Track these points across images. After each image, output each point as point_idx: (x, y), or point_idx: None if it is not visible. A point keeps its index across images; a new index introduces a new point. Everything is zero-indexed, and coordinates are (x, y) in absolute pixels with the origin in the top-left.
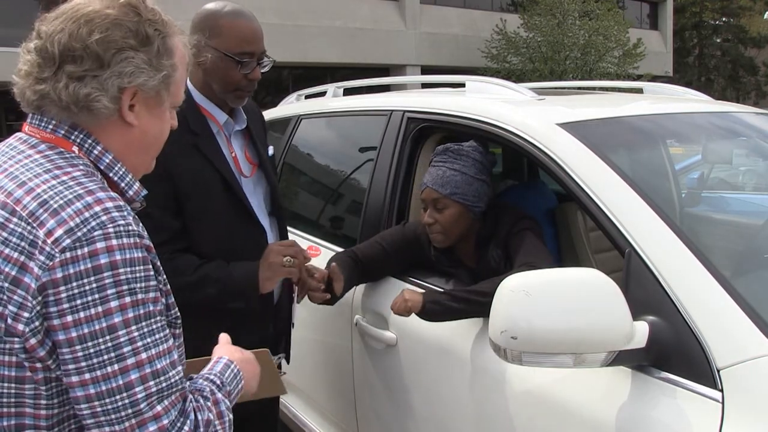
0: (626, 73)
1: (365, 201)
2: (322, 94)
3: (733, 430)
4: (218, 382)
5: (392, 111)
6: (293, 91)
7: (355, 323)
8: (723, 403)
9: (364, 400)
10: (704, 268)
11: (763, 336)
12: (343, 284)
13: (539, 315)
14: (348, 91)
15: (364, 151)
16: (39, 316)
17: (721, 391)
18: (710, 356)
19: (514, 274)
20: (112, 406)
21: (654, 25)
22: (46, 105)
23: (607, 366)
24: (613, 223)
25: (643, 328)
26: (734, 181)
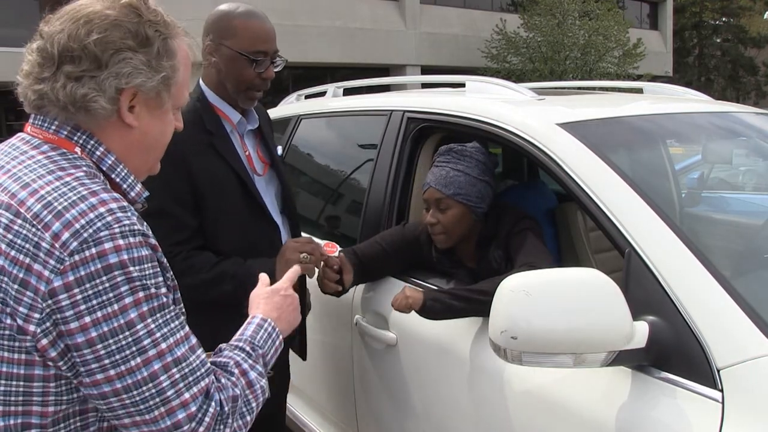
0: (626, 73)
1: (365, 201)
2: (322, 94)
3: (733, 430)
4: (248, 349)
5: (392, 111)
6: (293, 91)
7: (355, 323)
8: (723, 403)
9: (364, 400)
10: (704, 268)
11: (763, 336)
12: (352, 276)
13: (539, 315)
14: (348, 91)
15: (364, 151)
16: (49, 317)
17: (721, 391)
18: (710, 356)
19: (514, 274)
20: (140, 398)
21: (654, 25)
22: (45, 105)
23: (607, 366)
24: (613, 223)
25: (643, 328)
26: (734, 181)
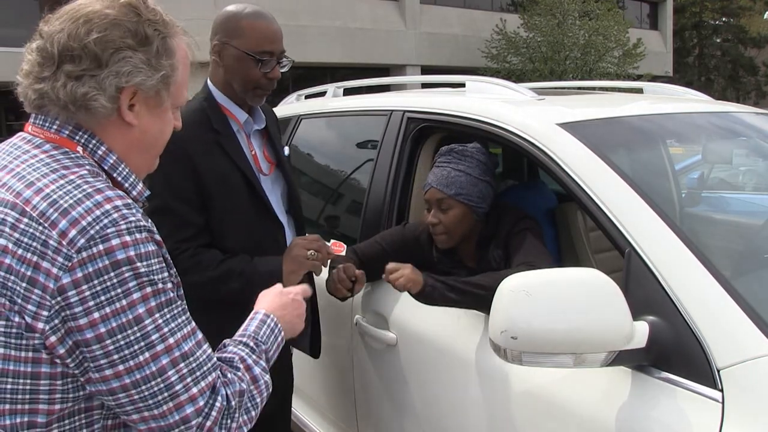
0: (626, 73)
1: (365, 201)
2: (322, 94)
3: (733, 430)
4: (251, 345)
5: (392, 111)
6: (293, 91)
7: (355, 323)
8: (723, 403)
9: (364, 400)
10: (704, 268)
11: (763, 336)
12: (363, 288)
13: (539, 315)
14: (348, 91)
15: (364, 151)
16: (58, 314)
17: (721, 391)
18: (710, 356)
19: (514, 274)
20: (149, 392)
21: (654, 25)
22: (46, 104)
23: (607, 366)
24: (613, 223)
25: (643, 328)
26: (734, 181)
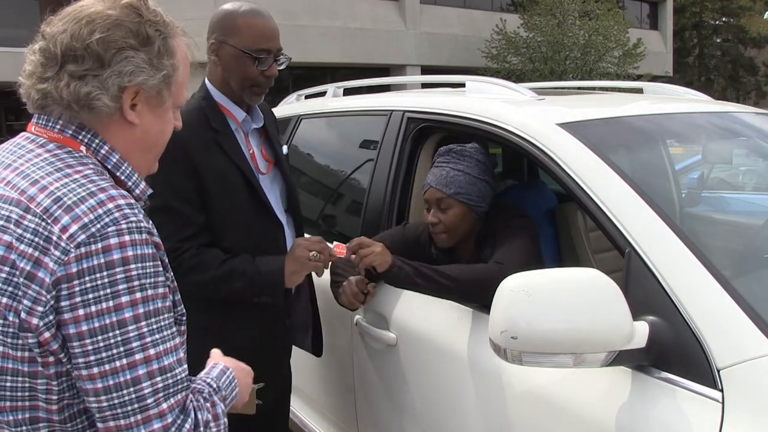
0: (626, 73)
1: (365, 201)
2: (322, 94)
3: (733, 430)
4: (215, 386)
5: (392, 111)
6: (293, 91)
7: (355, 323)
8: (723, 403)
9: (364, 400)
10: (704, 268)
11: (763, 336)
12: (373, 299)
13: (539, 315)
14: (348, 91)
15: (364, 151)
16: (53, 310)
17: (721, 391)
18: (710, 356)
19: (514, 274)
20: (119, 401)
21: (654, 25)
22: (49, 104)
23: (607, 366)
24: (613, 223)
25: (643, 328)
26: (734, 181)
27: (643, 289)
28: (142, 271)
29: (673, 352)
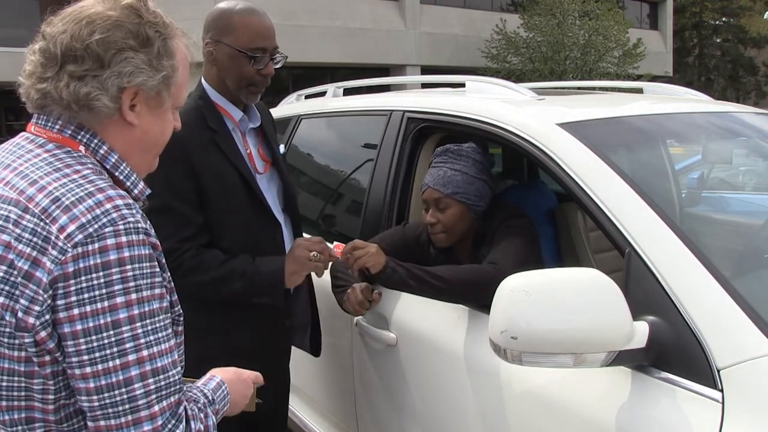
0: (626, 73)
1: (365, 201)
2: (322, 94)
3: (733, 430)
4: (210, 398)
5: (392, 111)
6: (293, 91)
7: (355, 323)
8: (723, 403)
9: (364, 400)
10: (704, 268)
11: (763, 336)
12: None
13: (539, 315)
14: (348, 91)
15: (364, 151)
16: (49, 309)
17: (721, 391)
18: (710, 356)
19: (509, 274)
20: (110, 401)
21: (654, 25)
22: (48, 104)
23: (607, 366)
24: (613, 223)
25: (643, 328)
26: (734, 181)
27: (643, 289)
28: (139, 272)
29: (673, 352)
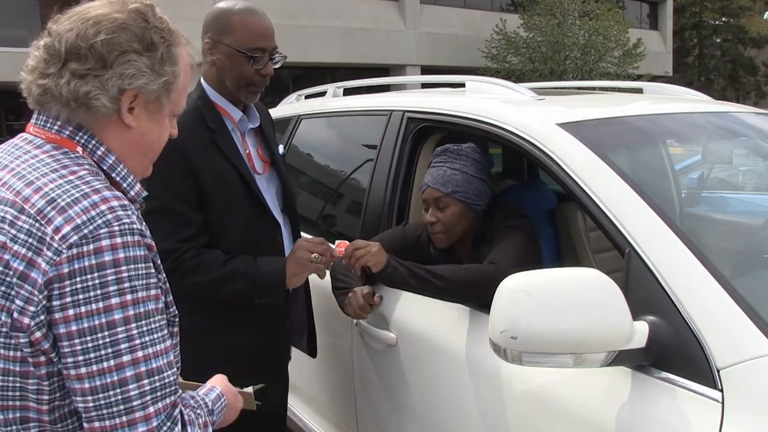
0: (626, 73)
1: (365, 201)
2: (322, 94)
3: (733, 430)
4: (209, 408)
5: (392, 111)
6: (293, 91)
7: (355, 323)
8: (723, 403)
9: (364, 400)
10: (704, 268)
11: (763, 336)
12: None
13: (539, 315)
14: (348, 91)
15: (364, 151)
16: (44, 309)
17: (721, 391)
18: (710, 356)
19: (510, 274)
20: (105, 402)
21: (654, 25)
22: (48, 101)
23: (607, 366)
24: (613, 223)
25: (643, 328)
26: (734, 181)
27: (643, 289)
28: (134, 273)
29: (673, 352)
